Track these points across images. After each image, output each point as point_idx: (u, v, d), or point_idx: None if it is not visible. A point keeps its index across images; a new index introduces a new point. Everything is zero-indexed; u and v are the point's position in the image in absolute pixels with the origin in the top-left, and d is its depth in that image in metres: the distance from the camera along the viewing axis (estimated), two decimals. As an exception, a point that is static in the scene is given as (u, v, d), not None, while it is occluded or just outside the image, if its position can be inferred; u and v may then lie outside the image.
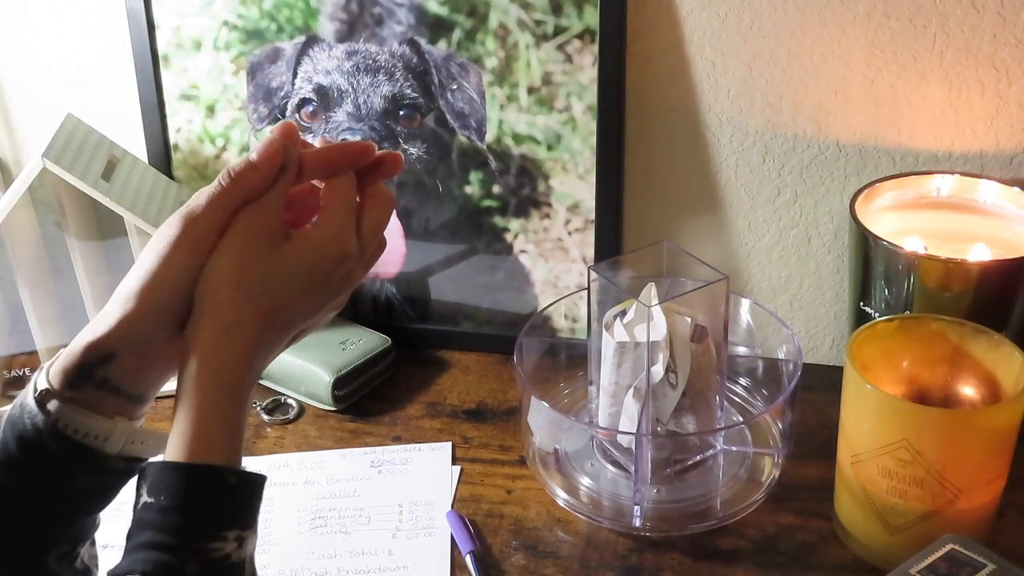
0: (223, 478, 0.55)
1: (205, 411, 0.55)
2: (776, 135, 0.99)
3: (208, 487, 0.54)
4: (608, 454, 0.91)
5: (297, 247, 0.59)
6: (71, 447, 0.56)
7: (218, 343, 0.56)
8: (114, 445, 0.57)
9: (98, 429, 0.56)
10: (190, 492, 0.53)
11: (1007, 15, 0.90)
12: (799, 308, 1.07)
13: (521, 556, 0.83)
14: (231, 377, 0.56)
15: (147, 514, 0.54)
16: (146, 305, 0.56)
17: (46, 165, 0.92)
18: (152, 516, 0.53)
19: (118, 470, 0.59)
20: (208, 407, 0.55)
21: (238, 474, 0.55)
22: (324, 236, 0.60)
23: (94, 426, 0.56)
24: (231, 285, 0.57)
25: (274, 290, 0.58)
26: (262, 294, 0.57)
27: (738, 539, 0.85)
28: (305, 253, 0.59)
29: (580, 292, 1.02)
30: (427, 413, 1.01)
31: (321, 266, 0.59)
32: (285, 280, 0.58)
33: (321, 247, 0.60)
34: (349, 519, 0.88)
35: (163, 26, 1.05)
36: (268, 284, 0.58)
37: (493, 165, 1.03)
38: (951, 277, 0.86)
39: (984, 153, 0.96)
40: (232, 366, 0.56)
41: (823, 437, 0.88)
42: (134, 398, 0.59)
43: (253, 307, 0.57)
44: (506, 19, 0.98)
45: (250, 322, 0.57)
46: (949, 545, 0.69)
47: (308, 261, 0.59)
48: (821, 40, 0.94)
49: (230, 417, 0.56)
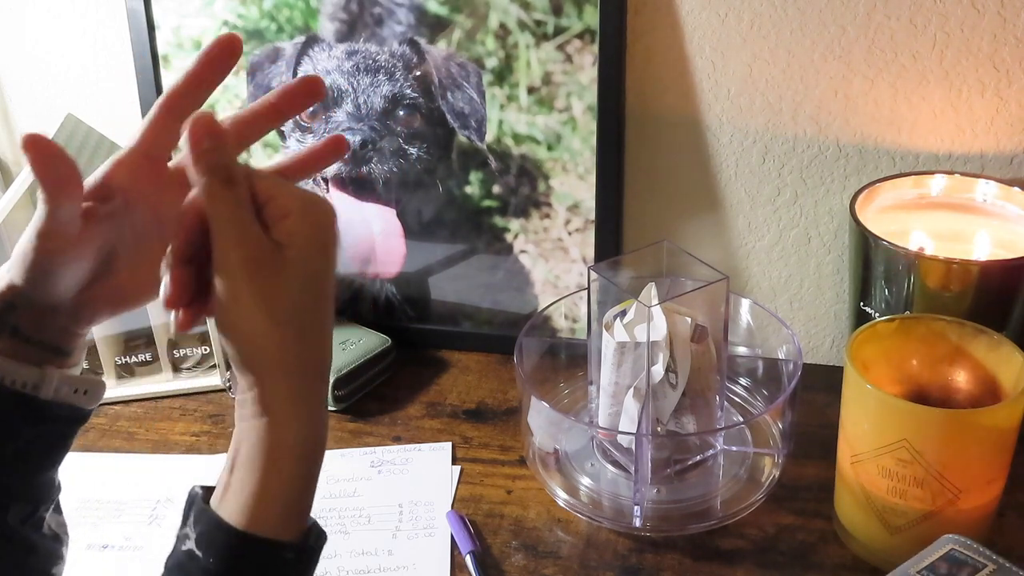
0: (281, 555, 0.52)
1: (270, 471, 0.52)
2: (776, 135, 0.99)
3: (262, 563, 0.52)
4: (608, 454, 0.91)
5: (292, 257, 0.53)
6: (7, 396, 0.54)
7: (277, 390, 0.53)
8: (46, 391, 0.55)
9: (26, 376, 0.55)
10: (242, 565, 0.51)
11: (1007, 15, 0.90)
12: (799, 308, 1.07)
13: (521, 556, 0.83)
14: (300, 430, 0.53)
15: (192, 567, 0.51)
16: (21, 280, 0.54)
17: (46, 165, 0.92)
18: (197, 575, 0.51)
19: (60, 417, 0.57)
20: (274, 467, 0.52)
21: (295, 549, 0.53)
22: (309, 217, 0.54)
23: (23, 373, 0.55)
24: (268, 322, 0.52)
25: (304, 319, 0.53)
26: (299, 326, 0.53)
27: (738, 539, 0.85)
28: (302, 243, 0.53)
29: (580, 292, 1.02)
30: (427, 413, 1.01)
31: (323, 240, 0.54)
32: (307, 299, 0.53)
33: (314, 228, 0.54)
34: (349, 519, 0.88)
35: (163, 26, 1.05)
36: (299, 313, 0.53)
37: (493, 165, 1.03)
38: (951, 277, 0.86)
39: (984, 153, 0.96)
40: (298, 417, 0.53)
41: (823, 437, 0.88)
42: (52, 350, 0.57)
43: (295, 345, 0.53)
44: (506, 19, 0.98)
45: (299, 361, 0.53)
46: (949, 545, 0.69)
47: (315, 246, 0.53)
48: (821, 40, 0.94)
49: (304, 475, 0.54)
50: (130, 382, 1.05)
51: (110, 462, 0.96)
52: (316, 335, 0.54)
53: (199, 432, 0.99)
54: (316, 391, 0.55)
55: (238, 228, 0.51)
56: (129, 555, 0.84)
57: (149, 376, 1.05)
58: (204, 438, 0.98)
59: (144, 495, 0.91)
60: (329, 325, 0.56)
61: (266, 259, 0.52)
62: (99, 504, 0.90)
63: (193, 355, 1.06)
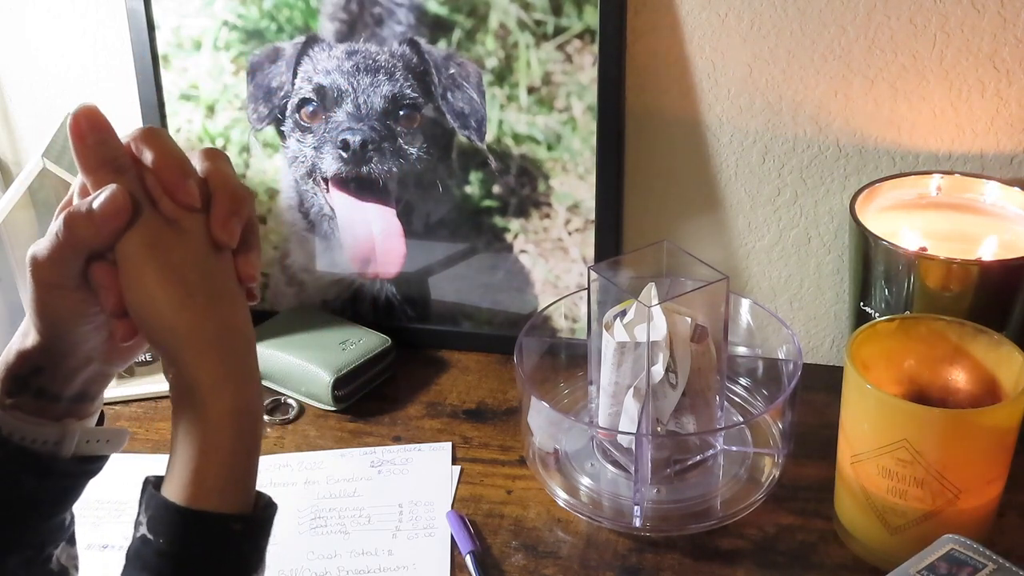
0: (228, 527, 0.52)
1: (205, 446, 0.52)
2: (776, 135, 0.99)
3: (210, 537, 0.52)
4: (608, 454, 0.91)
5: (187, 217, 0.54)
6: (16, 453, 0.54)
7: (204, 366, 0.53)
8: (67, 448, 0.56)
9: (46, 435, 0.55)
10: (191, 541, 0.51)
11: (1007, 15, 0.90)
12: (799, 308, 1.07)
13: (521, 556, 0.83)
14: (232, 402, 0.53)
15: (146, 551, 0.52)
16: (42, 336, 0.54)
17: (46, 165, 0.92)
18: (152, 559, 0.51)
19: (72, 472, 0.57)
20: (208, 442, 0.53)
21: (243, 520, 0.53)
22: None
23: (42, 432, 0.54)
24: (176, 296, 0.52)
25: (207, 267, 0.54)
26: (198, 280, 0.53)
27: (738, 539, 0.85)
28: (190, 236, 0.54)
29: (580, 292, 1.02)
30: (427, 413, 1.01)
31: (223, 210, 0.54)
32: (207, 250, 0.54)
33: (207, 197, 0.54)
34: (349, 519, 0.88)
35: (163, 26, 1.05)
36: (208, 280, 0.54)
37: (493, 165, 1.03)
38: (951, 277, 0.86)
39: (984, 153, 0.96)
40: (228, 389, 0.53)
41: (823, 437, 0.88)
42: (77, 400, 0.57)
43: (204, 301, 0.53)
44: (506, 19, 0.98)
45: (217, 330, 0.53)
46: (949, 545, 0.69)
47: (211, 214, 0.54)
48: (821, 40, 0.94)
49: (238, 449, 0.53)
50: (130, 382, 1.05)
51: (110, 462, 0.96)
52: (227, 304, 0.54)
53: (199, 432, 0.99)
54: (241, 360, 0.54)
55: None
56: (129, 555, 0.85)
57: (149, 376, 1.05)
58: (204, 438, 0.98)
59: (144, 495, 0.91)
60: (240, 294, 0.55)
61: (163, 235, 0.52)
62: (99, 504, 0.90)
63: (193, 355, 1.06)
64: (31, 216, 1.02)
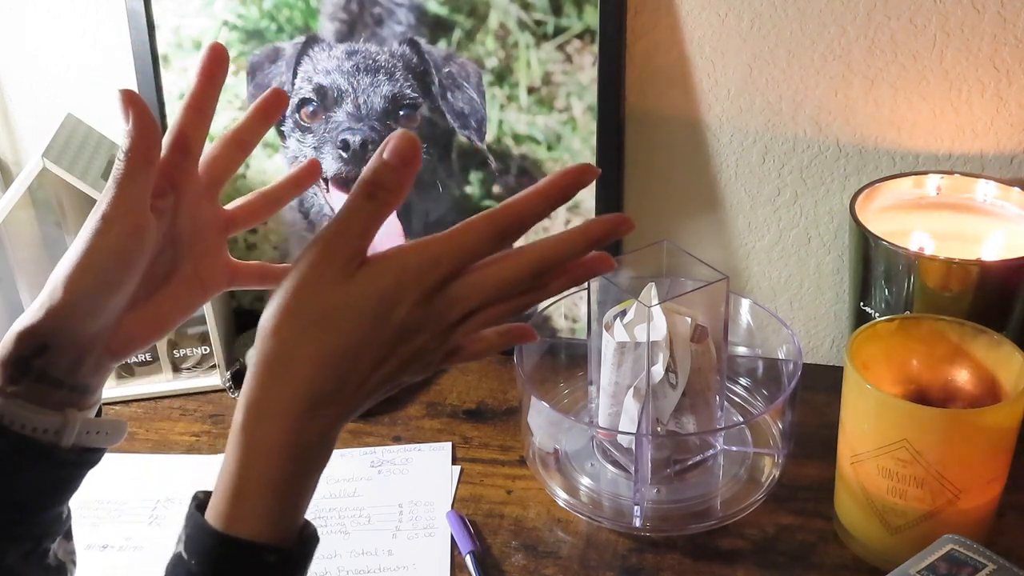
0: (260, 558, 0.49)
1: (246, 471, 0.49)
2: (776, 135, 0.99)
3: (240, 566, 0.49)
4: (608, 454, 0.91)
5: (371, 271, 0.49)
6: (17, 442, 0.53)
7: (263, 388, 0.49)
8: (67, 438, 0.55)
9: (47, 423, 0.54)
10: (221, 568, 0.49)
11: (1007, 15, 0.90)
12: (799, 308, 1.07)
13: (521, 556, 0.83)
14: (278, 432, 0.49)
15: (179, 570, 0.50)
16: (72, 294, 0.52)
17: (46, 165, 0.92)
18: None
19: (72, 462, 0.56)
20: (250, 467, 0.49)
21: (278, 552, 0.50)
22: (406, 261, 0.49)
23: (42, 420, 0.54)
24: (284, 313, 0.48)
25: (338, 326, 0.48)
26: (322, 329, 0.48)
27: (738, 539, 0.85)
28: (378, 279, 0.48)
29: (580, 292, 1.02)
30: (427, 413, 1.01)
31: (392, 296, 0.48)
32: (352, 313, 0.48)
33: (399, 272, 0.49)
34: (349, 519, 0.88)
35: (163, 26, 1.05)
36: (330, 317, 0.48)
37: (493, 165, 1.03)
38: (951, 277, 0.86)
39: (984, 153, 0.96)
40: (280, 418, 0.49)
41: (823, 437, 0.88)
42: (79, 389, 0.56)
43: (310, 344, 0.48)
44: (506, 19, 0.98)
45: (305, 363, 0.48)
46: (949, 545, 0.69)
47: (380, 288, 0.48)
48: (821, 40, 0.94)
49: (278, 478, 0.49)
50: (130, 382, 1.05)
51: (110, 462, 0.95)
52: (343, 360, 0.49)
53: (199, 432, 0.99)
54: (305, 397, 0.49)
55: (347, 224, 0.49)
56: (129, 555, 0.84)
57: (149, 376, 1.05)
58: (204, 438, 0.98)
59: (144, 495, 0.91)
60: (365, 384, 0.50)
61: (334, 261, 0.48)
62: (99, 504, 0.90)
63: (193, 355, 1.06)
64: (31, 216, 1.02)
